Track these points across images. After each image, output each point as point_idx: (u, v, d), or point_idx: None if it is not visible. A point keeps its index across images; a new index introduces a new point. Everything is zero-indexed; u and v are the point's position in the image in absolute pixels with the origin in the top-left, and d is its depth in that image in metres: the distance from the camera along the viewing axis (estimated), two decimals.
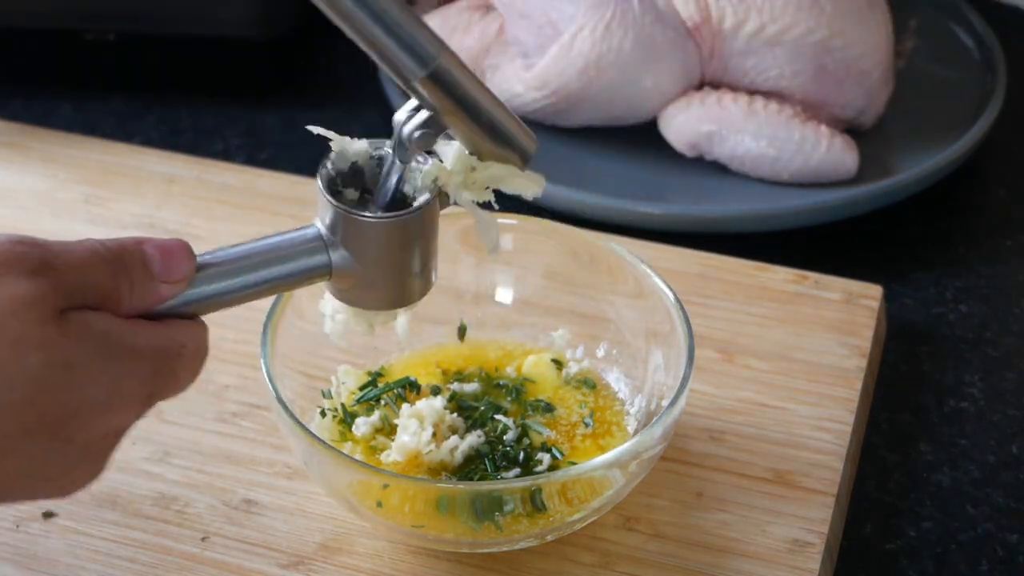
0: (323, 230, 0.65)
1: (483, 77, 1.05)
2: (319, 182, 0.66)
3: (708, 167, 1.02)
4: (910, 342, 0.91)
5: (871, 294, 0.89)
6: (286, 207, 0.96)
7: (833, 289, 0.90)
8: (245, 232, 0.82)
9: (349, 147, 0.67)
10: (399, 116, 0.66)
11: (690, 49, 1.00)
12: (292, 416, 0.71)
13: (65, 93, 1.11)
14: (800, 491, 0.77)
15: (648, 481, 0.76)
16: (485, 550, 0.73)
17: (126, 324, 0.59)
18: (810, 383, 0.84)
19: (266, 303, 0.76)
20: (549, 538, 0.73)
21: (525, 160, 0.67)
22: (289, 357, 0.76)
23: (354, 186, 0.67)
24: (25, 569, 0.73)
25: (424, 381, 0.80)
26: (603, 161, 1.03)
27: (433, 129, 0.65)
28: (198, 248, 0.63)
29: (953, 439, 0.84)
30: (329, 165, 0.66)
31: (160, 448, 0.80)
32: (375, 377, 0.81)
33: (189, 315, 0.63)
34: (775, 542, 0.75)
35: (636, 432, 0.77)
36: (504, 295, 0.84)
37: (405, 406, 0.77)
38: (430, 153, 0.66)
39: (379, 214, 0.65)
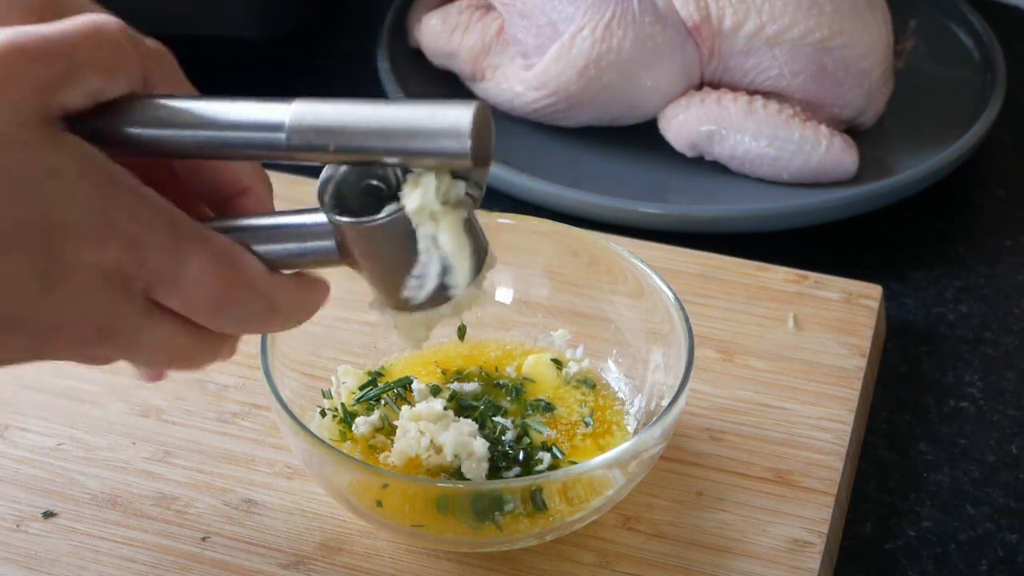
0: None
1: (483, 77, 1.05)
2: (319, 188, 0.64)
3: (708, 167, 1.02)
4: (910, 342, 0.91)
5: (871, 294, 0.89)
6: (286, 207, 0.96)
7: (833, 289, 0.90)
8: None
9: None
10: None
11: (690, 49, 1.00)
12: (292, 416, 0.71)
13: None
14: (800, 491, 0.77)
15: (648, 481, 0.76)
16: (485, 550, 0.73)
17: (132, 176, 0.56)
18: (810, 383, 0.84)
19: None
20: (549, 538, 0.73)
21: (467, 157, 0.57)
22: (289, 357, 0.76)
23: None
24: (25, 569, 0.73)
25: (424, 381, 0.80)
26: (603, 161, 1.03)
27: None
28: None
29: (953, 439, 0.84)
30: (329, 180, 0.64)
31: (160, 448, 0.80)
32: (375, 377, 0.80)
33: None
34: (775, 542, 0.75)
35: (636, 432, 0.77)
36: (504, 295, 0.84)
37: (405, 407, 0.77)
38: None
39: (348, 219, 0.62)
